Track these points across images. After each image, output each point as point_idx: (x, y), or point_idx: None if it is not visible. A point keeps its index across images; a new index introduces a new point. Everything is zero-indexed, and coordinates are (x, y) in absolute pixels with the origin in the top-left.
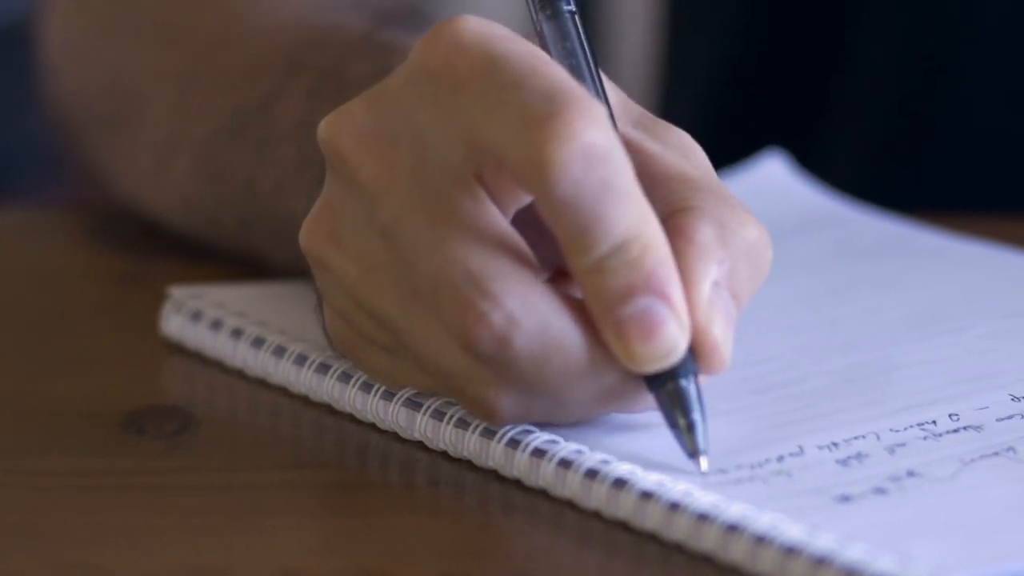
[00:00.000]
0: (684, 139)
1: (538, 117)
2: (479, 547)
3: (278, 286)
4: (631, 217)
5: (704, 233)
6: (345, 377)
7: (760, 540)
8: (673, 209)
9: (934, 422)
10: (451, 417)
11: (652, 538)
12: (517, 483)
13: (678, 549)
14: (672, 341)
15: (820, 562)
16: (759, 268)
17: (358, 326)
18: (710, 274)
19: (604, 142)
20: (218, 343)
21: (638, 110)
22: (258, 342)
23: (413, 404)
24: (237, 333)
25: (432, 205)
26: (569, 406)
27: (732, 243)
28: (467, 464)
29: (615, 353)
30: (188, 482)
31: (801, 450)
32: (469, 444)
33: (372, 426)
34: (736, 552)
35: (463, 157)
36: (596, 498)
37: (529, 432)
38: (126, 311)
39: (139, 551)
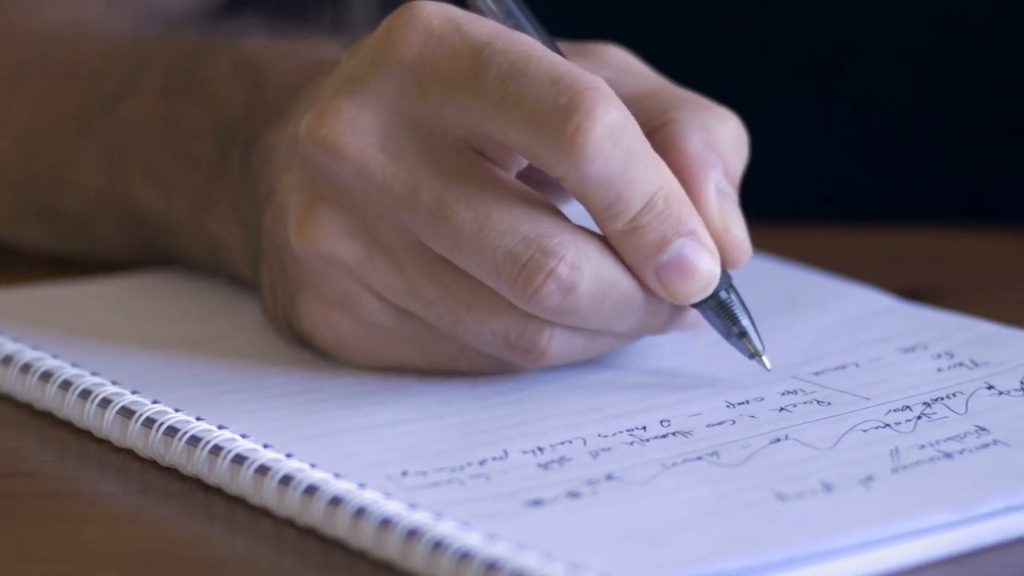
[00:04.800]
0: (621, 55)
1: (557, 108)
2: (173, 555)
3: (25, 291)
4: (651, 173)
5: (693, 142)
6: (65, 385)
7: (438, 546)
8: (653, 126)
9: (644, 427)
10: (160, 425)
11: (341, 545)
12: (219, 491)
13: (363, 556)
14: (709, 272)
15: (491, 568)
16: (743, 151)
17: (365, 314)
18: (711, 180)
19: (621, 114)
20: None
21: (566, 44)
22: None
23: (126, 412)
24: None
25: (458, 187)
26: (612, 339)
27: (718, 141)
28: (176, 472)
29: (660, 295)
30: None
31: (505, 454)
32: (175, 452)
33: (91, 435)
34: (415, 558)
35: (464, 140)
36: (289, 505)
37: (233, 440)
38: None
39: None
